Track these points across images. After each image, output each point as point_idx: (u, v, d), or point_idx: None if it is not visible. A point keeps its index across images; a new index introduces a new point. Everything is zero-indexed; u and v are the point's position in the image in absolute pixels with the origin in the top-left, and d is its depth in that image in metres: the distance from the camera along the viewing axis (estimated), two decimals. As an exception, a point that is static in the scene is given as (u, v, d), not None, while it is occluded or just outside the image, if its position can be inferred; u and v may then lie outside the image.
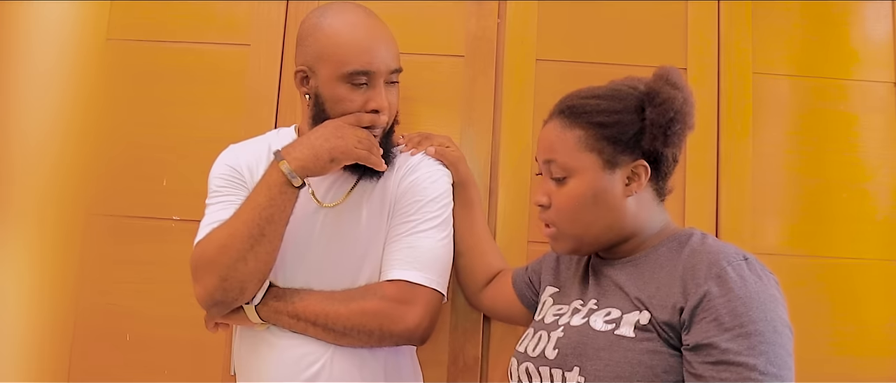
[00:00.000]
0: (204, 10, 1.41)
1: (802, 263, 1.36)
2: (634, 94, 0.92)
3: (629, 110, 0.91)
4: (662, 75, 0.91)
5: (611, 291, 0.92)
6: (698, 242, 0.87)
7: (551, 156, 0.94)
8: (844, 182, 1.38)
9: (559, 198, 0.93)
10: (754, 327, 0.75)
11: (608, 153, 0.90)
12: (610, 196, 0.91)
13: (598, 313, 0.89)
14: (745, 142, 1.37)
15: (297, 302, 1.06)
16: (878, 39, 1.43)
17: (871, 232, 1.37)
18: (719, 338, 0.75)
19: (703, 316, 0.77)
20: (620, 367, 0.81)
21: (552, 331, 0.92)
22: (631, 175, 0.91)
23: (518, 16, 1.40)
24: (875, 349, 1.34)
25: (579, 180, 0.91)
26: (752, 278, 0.78)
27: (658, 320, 0.82)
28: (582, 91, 0.97)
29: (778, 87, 1.40)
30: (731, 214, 1.36)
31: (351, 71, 1.05)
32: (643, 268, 0.90)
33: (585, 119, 0.92)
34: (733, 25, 1.41)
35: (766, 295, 0.78)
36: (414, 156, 1.17)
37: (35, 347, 1.33)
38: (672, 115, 0.88)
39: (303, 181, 1.02)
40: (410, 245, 1.08)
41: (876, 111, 1.40)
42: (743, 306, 0.76)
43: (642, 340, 0.82)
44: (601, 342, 0.84)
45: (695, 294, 0.79)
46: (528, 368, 0.92)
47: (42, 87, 1.39)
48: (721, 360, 0.74)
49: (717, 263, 0.80)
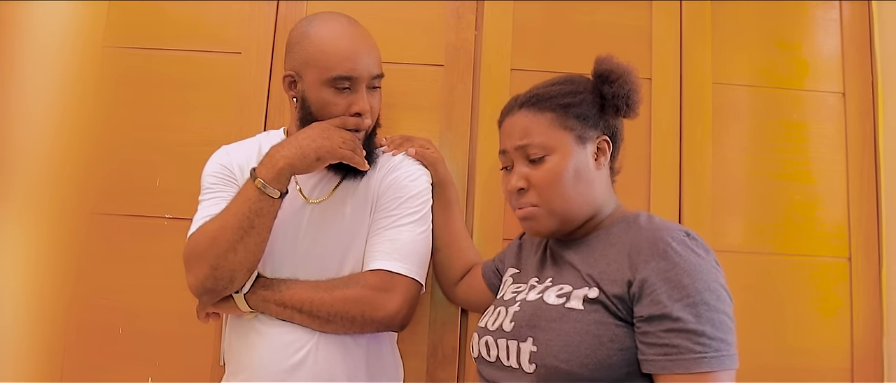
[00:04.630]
0: (197, 20, 1.47)
1: (759, 260, 1.44)
2: (585, 80, 1.03)
3: (588, 91, 1.01)
4: (606, 58, 1.01)
5: (565, 270, 0.98)
6: (645, 221, 0.94)
7: (526, 140, 0.98)
8: (797, 185, 1.47)
9: (540, 177, 0.97)
10: (700, 297, 0.81)
11: (578, 129, 0.98)
12: (585, 169, 0.98)
13: (552, 289, 0.95)
14: (705, 148, 1.46)
15: (284, 291, 1.11)
16: (828, 53, 1.53)
17: (822, 231, 1.46)
18: (671, 308, 0.81)
19: (653, 289, 0.83)
20: (570, 337, 0.86)
21: (510, 307, 0.98)
22: (597, 150, 1.00)
23: (494, 28, 1.48)
24: (825, 339, 1.43)
25: (559, 156, 0.97)
26: (695, 251, 0.85)
27: (608, 293, 0.88)
28: (538, 85, 1.05)
29: (736, 95, 1.49)
30: (692, 215, 1.44)
31: (335, 76, 1.11)
32: (595, 247, 0.96)
33: (553, 102, 0.99)
34: (694, 40, 1.50)
35: (708, 265, 0.85)
36: (395, 156, 1.24)
37: (30, 341, 1.37)
38: (630, 87, 0.99)
39: (280, 192, 1.07)
40: (391, 238, 1.14)
41: (826, 120, 1.50)
42: (689, 278, 0.82)
43: (590, 312, 0.87)
44: (553, 314, 0.90)
45: (643, 268, 0.85)
46: (488, 341, 0.98)
47: (41, 91, 1.44)
48: (673, 328, 0.81)
49: (663, 239, 0.86)
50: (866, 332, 1.43)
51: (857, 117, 1.50)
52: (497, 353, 0.95)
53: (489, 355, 0.97)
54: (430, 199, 1.22)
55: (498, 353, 0.95)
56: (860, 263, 1.46)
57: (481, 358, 1.00)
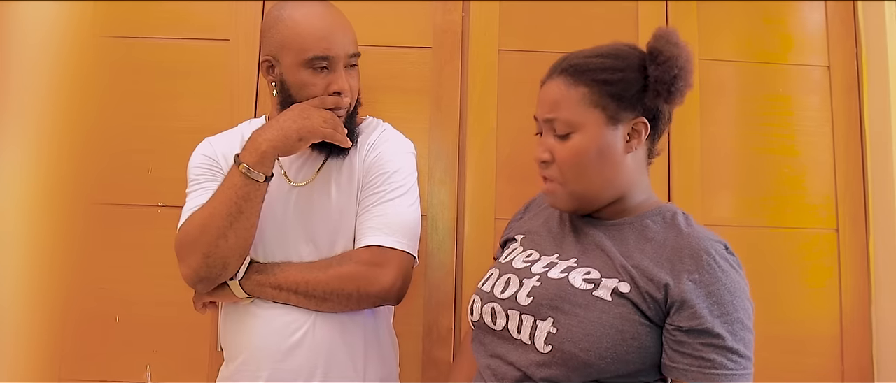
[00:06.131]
0: (184, 7, 1.48)
1: (748, 233, 1.46)
2: (636, 54, 0.95)
3: (632, 68, 0.93)
4: (663, 35, 0.93)
5: (592, 252, 0.94)
6: (683, 223, 0.92)
7: (555, 113, 0.94)
8: (785, 158, 1.49)
9: (563, 153, 0.94)
10: (737, 315, 0.83)
11: (612, 109, 0.92)
12: (612, 151, 0.93)
13: (578, 271, 0.91)
14: (693, 123, 1.48)
15: (278, 274, 1.12)
16: (813, 28, 1.55)
17: (810, 203, 1.48)
18: (712, 324, 0.82)
19: (695, 303, 0.84)
20: (592, 326, 0.85)
21: (525, 278, 0.95)
22: (631, 132, 0.94)
23: (481, 9, 1.49)
24: (815, 309, 1.45)
25: (583, 135, 0.92)
26: (734, 268, 0.87)
27: (642, 290, 0.86)
28: (584, 51, 0.97)
29: (722, 71, 1.51)
30: (682, 190, 1.46)
31: (311, 57, 1.12)
32: (628, 236, 0.93)
33: (590, 76, 0.93)
34: (680, 17, 1.51)
35: (744, 283, 0.86)
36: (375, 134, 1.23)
37: (28, 331, 1.38)
38: (676, 73, 0.91)
39: (266, 176, 1.08)
40: (380, 213, 1.14)
41: (812, 93, 1.52)
42: (729, 294, 0.84)
43: (618, 305, 0.86)
44: (579, 300, 0.88)
45: (686, 278, 0.85)
46: (495, 308, 0.95)
47: (31, 83, 1.43)
48: (712, 343, 0.82)
49: (707, 251, 0.86)
50: (855, 301, 1.46)
51: (842, 90, 1.52)
52: (505, 323, 0.93)
53: (495, 323, 0.95)
54: (415, 172, 1.22)
55: (506, 323, 0.93)
56: (847, 234, 1.48)
57: (483, 323, 0.97)
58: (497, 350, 0.94)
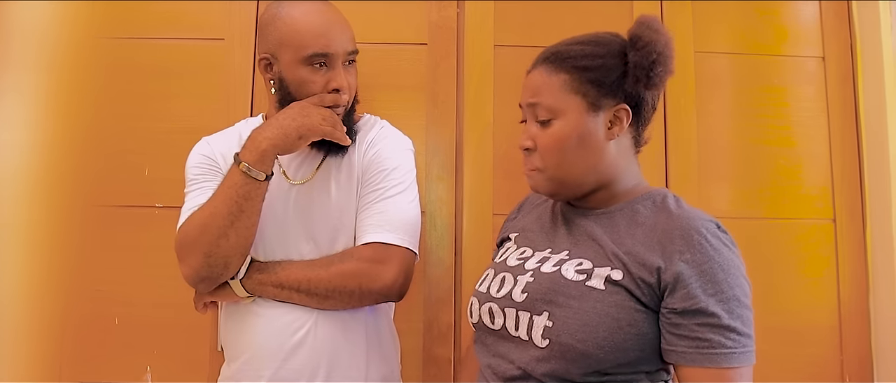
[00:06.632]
0: (179, 7, 1.47)
1: (746, 224, 1.47)
2: (616, 40, 0.95)
3: (612, 55, 0.94)
4: (644, 21, 0.93)
5: (583, 242, 0.94)
6: (674, 205, 0.91)
7: (536, 99, 0.95)
8: (781, 149, 1.50)
9: (544, 140, 0.95)
10: (732, 292, 0.82)
11: (592, 96, 0.92)
12: (593, 138, 0.93)
13: (570, 263, 0.92)
14: (689, 115, 1.48)
15: (279, 272, 1.12)
16: (807, 19, 1.55)
17: (807, 194, 1.49)
18: (706, 303, 0.82)
19: (688, 283, 0.83)
20: (588, 316, 0.85)
21: (519, 275, 0.95)
22: (613, 118, 0.94)
23: (476, 5, 1.49)
24: (813, 299, 1.46)
25: (564, 122, 0.93)
26: (726, 245, 0.86)
27: (635, 276, 0.86)
28: (565, 40, 0.98)
29: (717, 63, 1.51)
30: (679, 182, 1.46)
31: (310, 54, 1.12)
32: (619, 223, 0.93)
33: (570, 63, 0.93)
34: (675, 9, 1.51)
35: (738, 260, 0.85)
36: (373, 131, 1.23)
37: (27, 333, 1.36)
38: (655, 58, 0.90)
39: (266, 175, 1.08)
40: (380, 210, 1.14)
41: (807, 84, 1.53)
42: (723, 272, 0.83)
43: (611, 293, 0.86)
44: (572, 291, 0.88)
45: (677, 259, 0.84)
46: (492, 308, 0.95)
47: (27, 84, 1.42)
48: (707, 323, 0.81)
49: (697, 230, 0.85)
50: (852, 291, 1.47)
51: (837, 81, 1.52)
52: (503, 322, 0.94)
53: (493, 323, 0.95)
54: (414, 169, 1.22)
55: (504, 322, 0.94)
56: (845, 224, 1.49)
57: (482, 324, 0.98)
58: (498, 349, 0.94)
